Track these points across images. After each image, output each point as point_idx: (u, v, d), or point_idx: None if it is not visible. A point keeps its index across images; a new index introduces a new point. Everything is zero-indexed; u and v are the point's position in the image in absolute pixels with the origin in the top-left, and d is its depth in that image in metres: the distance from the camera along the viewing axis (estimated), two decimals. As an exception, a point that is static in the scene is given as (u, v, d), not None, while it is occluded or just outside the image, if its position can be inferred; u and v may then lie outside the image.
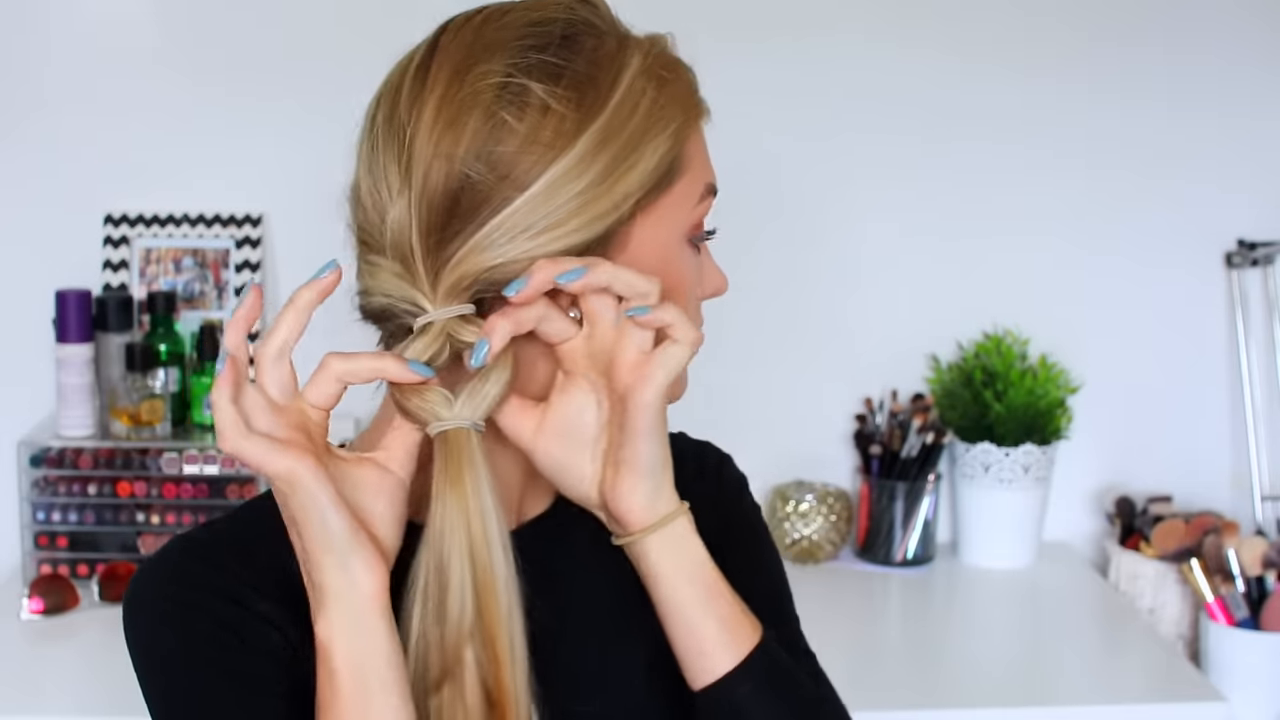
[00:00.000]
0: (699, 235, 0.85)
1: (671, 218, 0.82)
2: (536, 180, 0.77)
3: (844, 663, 1.75)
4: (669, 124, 0.80)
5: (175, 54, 1.97)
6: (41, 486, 1.86)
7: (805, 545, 2.02)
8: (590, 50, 0.80)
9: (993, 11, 2.05)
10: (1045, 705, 1.66)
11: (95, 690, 1.62)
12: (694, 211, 0.83)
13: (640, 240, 0.81)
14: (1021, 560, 2.06)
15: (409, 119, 0.78)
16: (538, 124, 0.77)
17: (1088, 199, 2.10)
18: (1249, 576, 1.88)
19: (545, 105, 0.77)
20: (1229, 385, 2.15)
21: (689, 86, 0.84)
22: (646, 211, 0.80)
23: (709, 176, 0.84)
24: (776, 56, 2.01)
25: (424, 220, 0.78)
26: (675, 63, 0.84)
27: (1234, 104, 2.09)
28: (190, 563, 0.82)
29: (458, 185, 0.77)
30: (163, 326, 1.92)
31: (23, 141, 1.96)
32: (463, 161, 0.77)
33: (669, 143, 0.80)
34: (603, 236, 0.79)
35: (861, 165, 2.07)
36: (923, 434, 2.02)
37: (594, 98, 0.78)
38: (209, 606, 0.80)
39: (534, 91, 0.77)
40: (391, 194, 0.78)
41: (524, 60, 0.78)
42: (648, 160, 0.79)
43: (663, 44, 0.84)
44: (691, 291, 0.85)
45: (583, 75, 0.79)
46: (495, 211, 0.77)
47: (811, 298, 2.09)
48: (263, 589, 0.81)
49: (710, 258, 0.88)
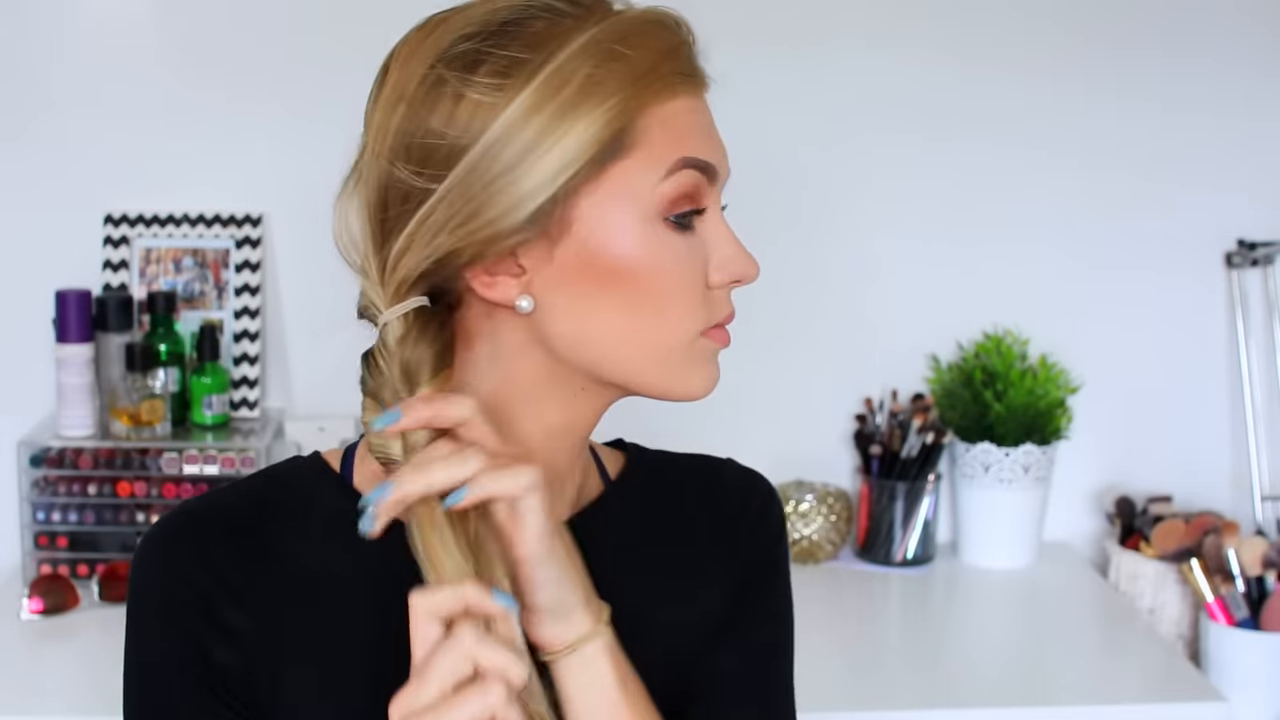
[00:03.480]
0: (683, 214, 0.79)
1: (623, 195, 0.77)
2: (453, 168, 0.76)
3: (844, 663, 1.76)
4: (608, 97, 0.76)
5: (176, 54, 1.97)
6: (41, 486, 1.86)
7: (805, 545, 2.02)
8: (532, 35, 0.77)
9: (993, 15, 2.05)
10: (1045, 705, 1.66)
11: (95, 690, 1.62)
12: (658, 189, 0.78)
13: (587, 219, 0.77)
14: (1021, 560, 2.06)
15: (366, 124, 0.81)
16: (450, 114, 0.77)
17: (1088, 199, 2.10)
18: (1249, 576, 1.88)
19: (458, 93, 0.76)
20: (1229, 385, 2.15)
21: (654, 59, 0.78)
22: (589, 189, 0.77)
23: (683, 150, 0.78)
24: (775, 63, 2.02)
25: (368, 222, 0.80)
26: (642, 35, 0.78)
27: (1232, 104, 2.09)
28: (178, 546, 0.82)
29: (387, 183, 0.78)
30: (163, 326, 1.92)
31: (23, 142, 1.96)
32: (390, 159, 0.78)
33: (606, 117, 0.76)
34: (534, 218, 0.77)
35: (861, 167, 2.07)
36: (923, 434, 2.02)
37: (516, 81, 0.76)
38: (175, 605, 0.81)
39: (449, 81, 0.77)
40: (351, 200, 0.81)
41: (449, 52, 0.78)
42: (578, 135, 0.76)
43: (631, 18, 0.79)
44: (673, 276, 0.79)
45: (509, 59, 0.76)
46: (418, 206, 0.77)
47: (811, 298, 2.09)
48: (240, 593, 0.81)
49: (728, 239, 0.82)
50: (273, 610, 0.81)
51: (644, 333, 0.79)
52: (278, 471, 0.88)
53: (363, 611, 0.82)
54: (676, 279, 0.79)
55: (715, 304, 0.82)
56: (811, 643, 1.87)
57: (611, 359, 0.80)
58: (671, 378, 0.81)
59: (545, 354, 0.81)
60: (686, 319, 0.80)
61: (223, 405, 1.93)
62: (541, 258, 0.78)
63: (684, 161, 0.79)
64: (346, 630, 0.82)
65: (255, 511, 0.84)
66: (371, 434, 0.79)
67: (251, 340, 1.98)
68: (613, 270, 0.78)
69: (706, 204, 0.81)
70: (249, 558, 0.82)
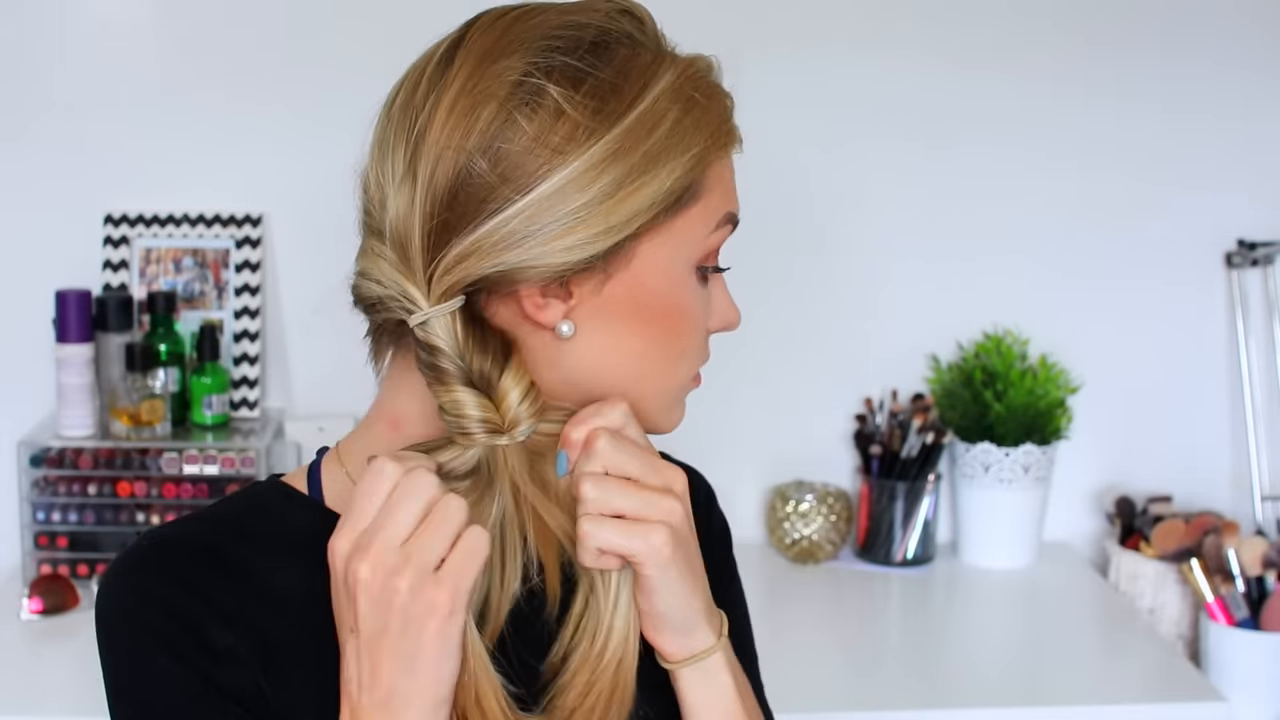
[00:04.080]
0: (709, 266, 0.83)
1: (680, 242, 0.80)
2: (539, 185, 0.75)
3: (844, 663, 1.76)
4: (690, 147, 0.78)
5: (176, 55, 1.97)
6: (41, 486, 1.86)
7: (805, 545, 2.02)
8: (622, 61, 0.78)
9: (992, 18, 2.05)
10: (1045, 705, 1.66)
11: (95, 690, 1.60)
12: (707, 239, 0.81)
13: (644, 260, 0.79)
14: (1021, 560, 2.06)
15: (424, 107, 0.77)
16: (548, 127, 0.75)
17: (1088, 200, 2.10)
18: (1249, 576, 1.88)
19: (559, 109, 0.75)
20: (1229, 385, 2.15)
21: (721, 113, 0.81)
22: (654, 232, 0.78)
23: (729, 206, 0.82)
24: (776, 67, 2.02)
25: (426, 212, 0.76)
26: (711, 87, 0.81)
27: (1232, 104, 2.09)
28: (152, 580, 0.79)
29: (461, 179, 0.76)
30: (163, 326, 1.92)
31: (24, 142, 1.96)
32: (469, 155, 0.75)
33: (687, 166, 0.78)
34: (606, 254, 0.77)
35: (862, 168, 2.07)
36: (923, 434, 2.02)
37: (614, 109, 0.76)
38: (166, 636, 0.78)
39: (550, 93, 0.75)
40: (396, 180, 0.77)
41: (546, 61, 0.76)
42: (661, 181, 0.77)
43: (702, 65, 0.82)
44: (696, 323, 0.83)
45: (607, 84, 0.76)
46: (495, 213, 0.75)
47: (811, 298, 2.09)
48: (226, 614, 0.79)
49: (723, 290, 0.86)
50: (260, 631, 0.79)
51: (658, 372, 0.82)
52: (239, 498, 0.87)
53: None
54: (698, 326, 0.83)
55: (706, 350, 0.86)
56: (811, 643, 1.86)
57: (619, 390, 0.82)
58: (662, 414, 0.85)
59: (557, 374, 0.81)
60: (692, 363, 0.84)
61: (223, 405, 1.93)
62: (593, 288, 0.79)
63: (729, 217, 0.83)
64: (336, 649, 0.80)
65: (224, 534, 0.82)
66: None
67: (251, 340, 1.98)
68: (654, 311, 0.80)
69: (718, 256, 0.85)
70: (230, 579, 0.79)
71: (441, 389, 0.78)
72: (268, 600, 0.80)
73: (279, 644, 0.79)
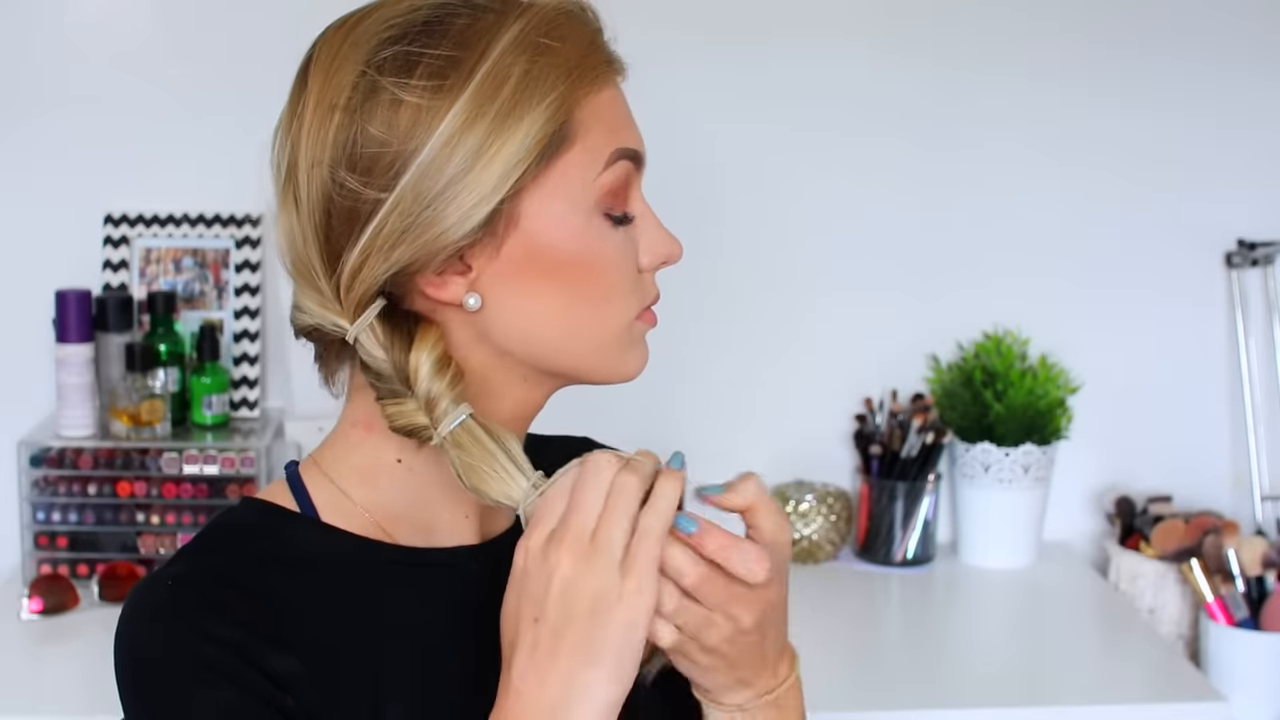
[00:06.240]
0: (614, 210, 0.80)
1: (567, 189, 0.78)
2: (401, 178, 0.75)
3: (844, 663, 1.76)
4: (547, 94, 0.76)
5: (176, 54, 1.97)
6: (41, 486, 1.86)
7: (805, 545, 2.02)
8: (459, 31, 0.77)
9: (995, 18, 2.05)
10: (1045, 705, 1.66)
11: (95, 690, 1.62)
12: (598, 181, 0.79)
13: (532, 216, 0.78)
14: (1021, 560, 2.06)
15: (289, 132, 0.79)
16: (391, 120, 0.75)
17: (1088, 200, 2.10)
18: (1249, 576, 1.88)
19: (396, 99, 0.75)
20: (1229, 385, 2.15)
21: (582, 50, 0.79)
22: (534, 186, 0.77)
23: (619, 142, 0.80)
24: (775, 59, 2.01)
25: (315, 236, 0.78)
26: (565, 27, 0.79)
27: (1232, 105, 2.09)
28: (194, 616, 0.76)
29: (330, 195, 0.77)
30: (163, 326, 1.92)
31: (23, 141, 1.96)
32: (331, 169, 0.76)
33: (548, 113, 0.76)
34: (487, 220, 0.76)
35: (862, 167, 2.07)
36: (923, 434, 2.02)
37: (454, 81, 0.76)
38: (228, 667, 0.75)
39: (384, 87, 0.76)
40: (285, 210, 0.79)
41: (378, 56, 0.76)
42: (523, 135, 0.76)
43: (552, 8, 0.79)
44: (612, 265, 0.81)
45: (443, 59, 0.76)
46: (370, 217, 0.76)
47: (812, 298, 2.09)
48: (274, 639, 0.77)
49: (654, 224, 0.83)
50: (303, 652, 0.77)
51: (587, 322, 0.81)
52: (224, 528, 0.84)
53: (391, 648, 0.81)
54: (616, 268, 0.81)
55: (645, 288, 0.84)
56: (811, 643, 1.86)
57: (556, 349, 0.81)
58: (610, 363, 0.83)
59: (490, 348, 0.81)
60: (624, 306, 0.82)
61: (223, 405, 1.93)
62: (488, 256, 0.78)
63: (619, 153, 0.80)
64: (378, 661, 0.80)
65: (239, 564, 0.80)
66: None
67: (251, 340, 1.98)
68: (558, 263, 0.79)
69: (637, 193, 0.83)
70: (264, 606, 0.78)
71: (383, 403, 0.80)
72: (304, 622, 0.79)
73: (324, 663, 0.78)
